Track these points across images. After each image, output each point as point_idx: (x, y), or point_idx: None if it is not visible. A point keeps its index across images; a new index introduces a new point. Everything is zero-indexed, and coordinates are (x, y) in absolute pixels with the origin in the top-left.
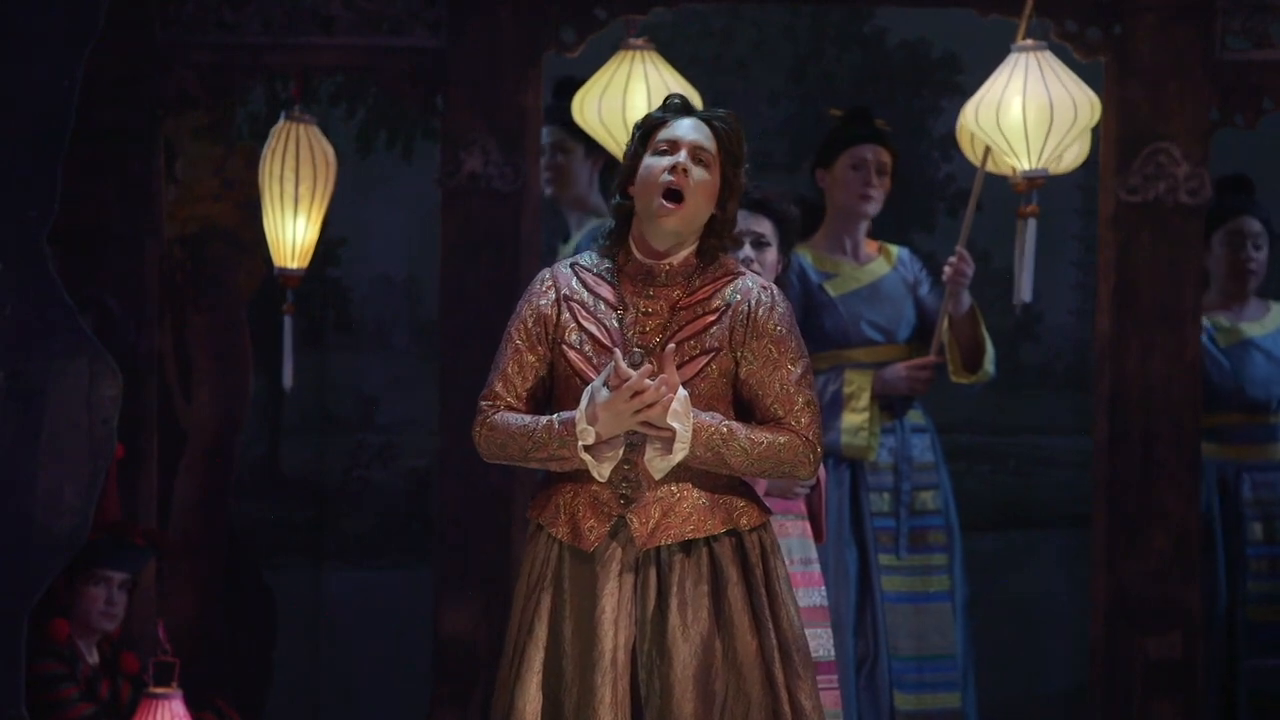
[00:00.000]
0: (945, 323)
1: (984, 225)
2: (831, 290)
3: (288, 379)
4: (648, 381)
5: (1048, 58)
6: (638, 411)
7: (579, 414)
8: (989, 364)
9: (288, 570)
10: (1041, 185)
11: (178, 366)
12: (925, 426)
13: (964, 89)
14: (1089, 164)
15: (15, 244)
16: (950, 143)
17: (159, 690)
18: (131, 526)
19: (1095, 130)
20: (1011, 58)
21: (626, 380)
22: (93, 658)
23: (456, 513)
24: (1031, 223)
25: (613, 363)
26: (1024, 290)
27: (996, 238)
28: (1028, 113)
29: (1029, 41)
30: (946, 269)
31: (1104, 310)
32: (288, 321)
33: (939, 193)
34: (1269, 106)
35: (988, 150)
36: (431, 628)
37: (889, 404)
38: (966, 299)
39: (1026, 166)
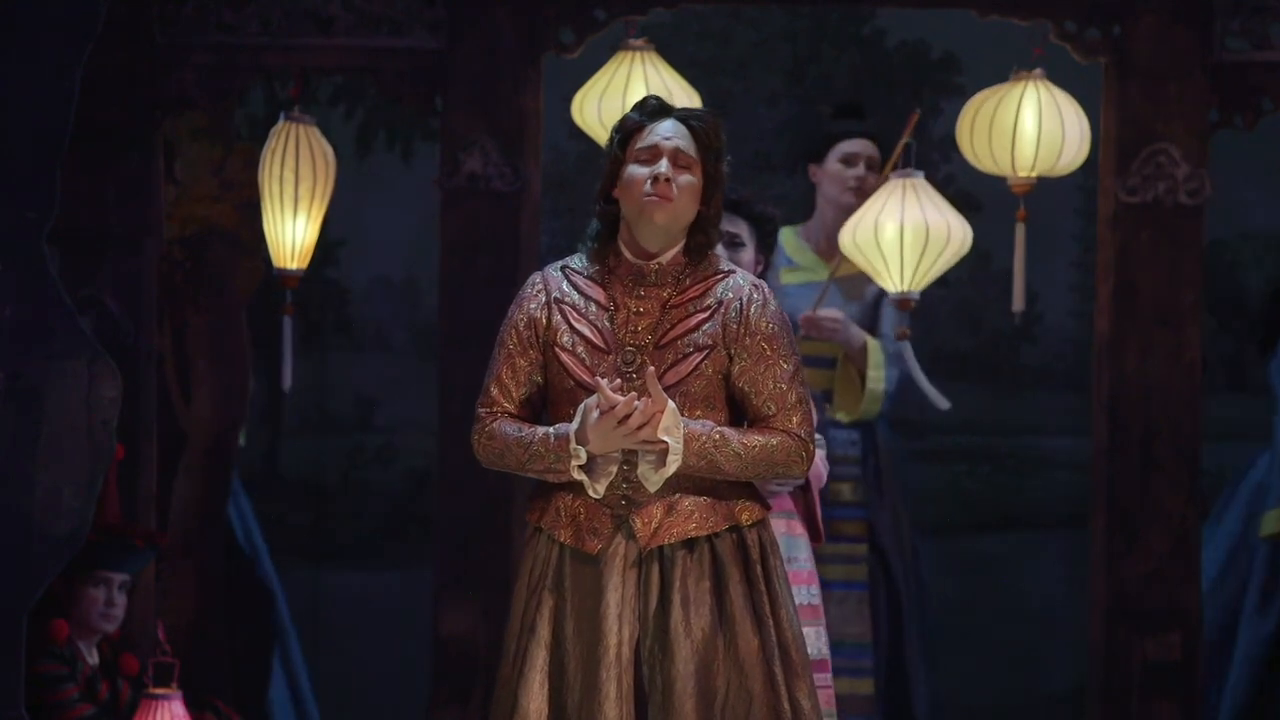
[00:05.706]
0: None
1: (987, 227)
2: (782, 277)
3: (287, 380)
4: (636, 404)
5: (921, 184)
6: (627, 434)
7: (571, 433)
8: (869, 403)
9: (287, 571)
10: (912, 308)
11: (177, 367)
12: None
13: (964, 90)
14: (1088, 164)
15: (15, 244)
16: (950, 144)
17: (159, 691)
18: (131, 527)
19: (1095, 131)
20: (889, 184)
21: (613, 407)
22: (93, 658)
23: (456, 513)
24: (907, 344)
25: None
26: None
27: (996, 239)
28: (905, 236)
29: (907, 170)
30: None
31: (1103, 311)
32: (287, 322)
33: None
34: (1268, 107)
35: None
36: (431, 628)
37: None
38: (858, 337)
39: (900, 289)
